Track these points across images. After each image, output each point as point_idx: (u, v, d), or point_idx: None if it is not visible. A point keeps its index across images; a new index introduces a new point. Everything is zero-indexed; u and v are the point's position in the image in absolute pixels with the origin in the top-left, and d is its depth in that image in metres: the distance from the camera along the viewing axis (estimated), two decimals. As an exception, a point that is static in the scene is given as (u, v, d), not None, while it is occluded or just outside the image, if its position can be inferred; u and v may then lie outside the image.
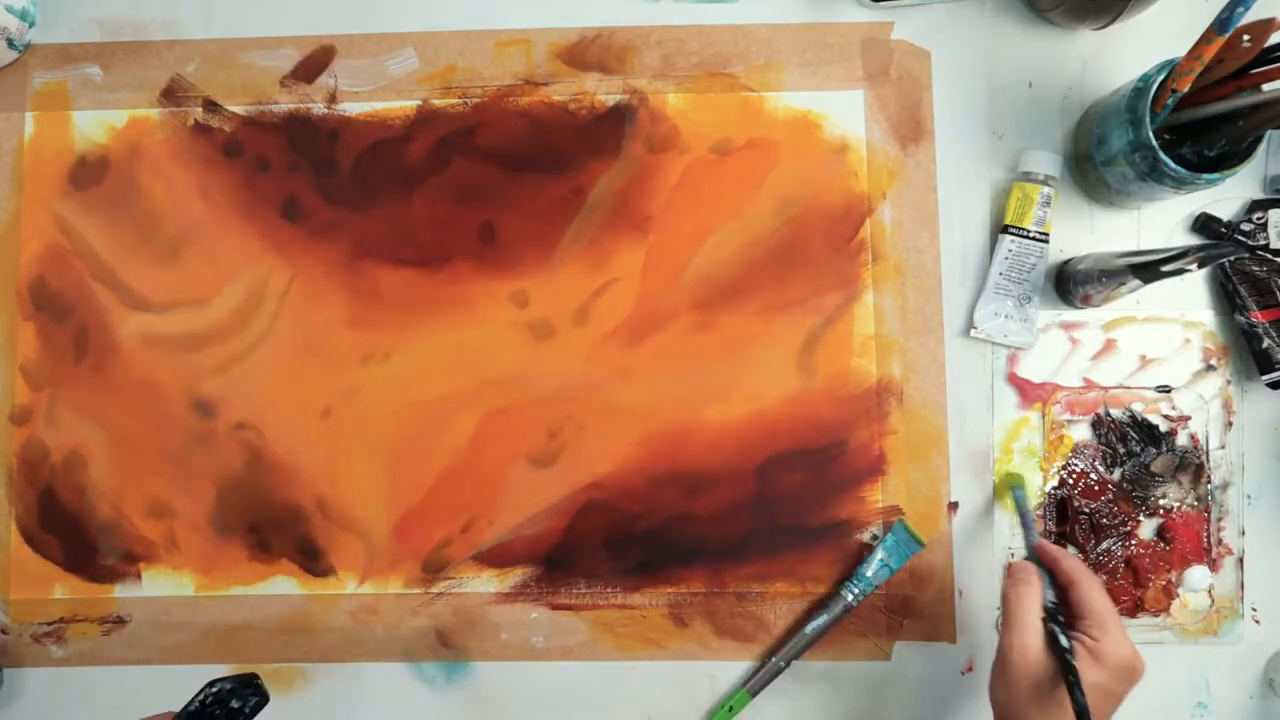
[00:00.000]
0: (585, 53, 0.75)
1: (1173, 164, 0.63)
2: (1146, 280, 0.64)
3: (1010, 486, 0.70)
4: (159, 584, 0.73)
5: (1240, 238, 0.71)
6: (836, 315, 0.73)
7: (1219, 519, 0.71)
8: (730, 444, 0.73)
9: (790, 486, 0.72)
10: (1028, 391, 0.73)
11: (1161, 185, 0.65)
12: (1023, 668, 0.58)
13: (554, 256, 0.74)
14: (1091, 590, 0.60)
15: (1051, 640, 0.58)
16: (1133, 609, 0.71)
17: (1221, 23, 0.58)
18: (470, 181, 0.74)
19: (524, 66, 0.75)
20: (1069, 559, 0.62)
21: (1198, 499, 0.71)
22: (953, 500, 0.72)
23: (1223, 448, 0.72)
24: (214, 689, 0.60)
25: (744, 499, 0.72)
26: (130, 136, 0.75)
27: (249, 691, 0.61)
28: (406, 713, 0.72)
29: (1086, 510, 0.71)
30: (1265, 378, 0.70)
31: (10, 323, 0.74)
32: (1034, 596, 0.60)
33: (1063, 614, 0.59)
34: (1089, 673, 0.56)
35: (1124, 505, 0.71)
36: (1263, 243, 0.71)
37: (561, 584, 0.73)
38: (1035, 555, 0.64)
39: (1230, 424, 0.72)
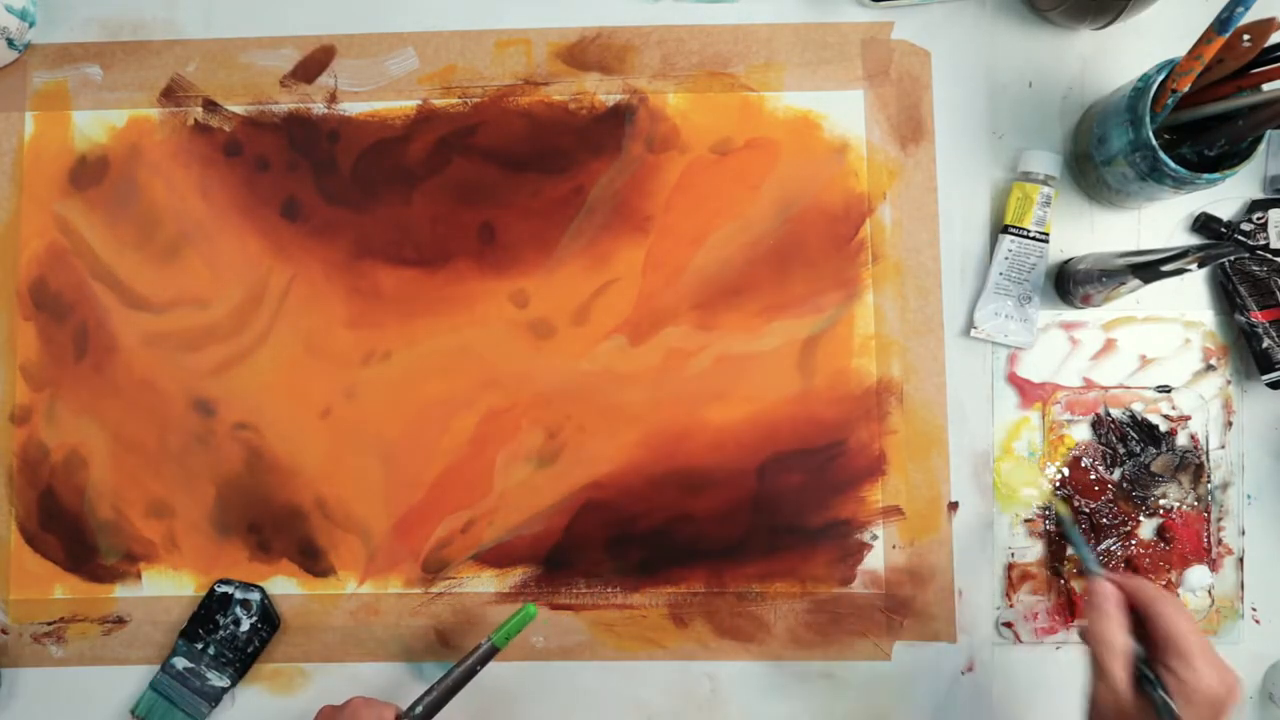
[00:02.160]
0: (585, 53, 0.75)
1: (1173, 164, 0.63)
2: (1146, 280, 0.64)
3: (1059, 517, 0.70)
4: (159, 584, 0.73)
5: (1240, 238, 0.71)
6: (836, 315, 0.73)
7: (1219, 519, 0.71)
8: (730, 444, 0.73)
9: (790, 486, 0.72)
10: (1028, 391, 0.73)
11: (1161, 185, 0.65)
12: (1115, 711, 0.54)
13: (554, 256, 0.74)
14: (1172, 616, 0.54)
15: (1141, 683, 0.54)
16: (1133, 609, 0.71)
17: (1221, 23, 0.58)
18: (470, 181, 0.74)
19: (524, 66, 0.75)
20: (1146, 585, 0.57)
21: (1198, 499, 0.71)
22: (953, 500, 0.72)
23: (1223, 448, 0.72)
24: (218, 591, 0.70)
25: (744, 499, 0.72)
26: (130, 136, 0.75)
27: (255, 604, 0.71)
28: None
29: (1086, 510, 0.71)
30: (1265, 378, 0.70)
31: (10, 323, 0.74)
32: (1121, 632, 0.55)
33: (1144, 645, 0.55)
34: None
35: (1124, 505, 0.71)
36: (1263, 243, 0.71)
37: (561, 584, 0.73)
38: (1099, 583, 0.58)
39: (1230, 424, 0.72)
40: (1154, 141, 0.63)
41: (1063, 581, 0.71)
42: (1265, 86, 0.63)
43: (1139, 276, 0.63)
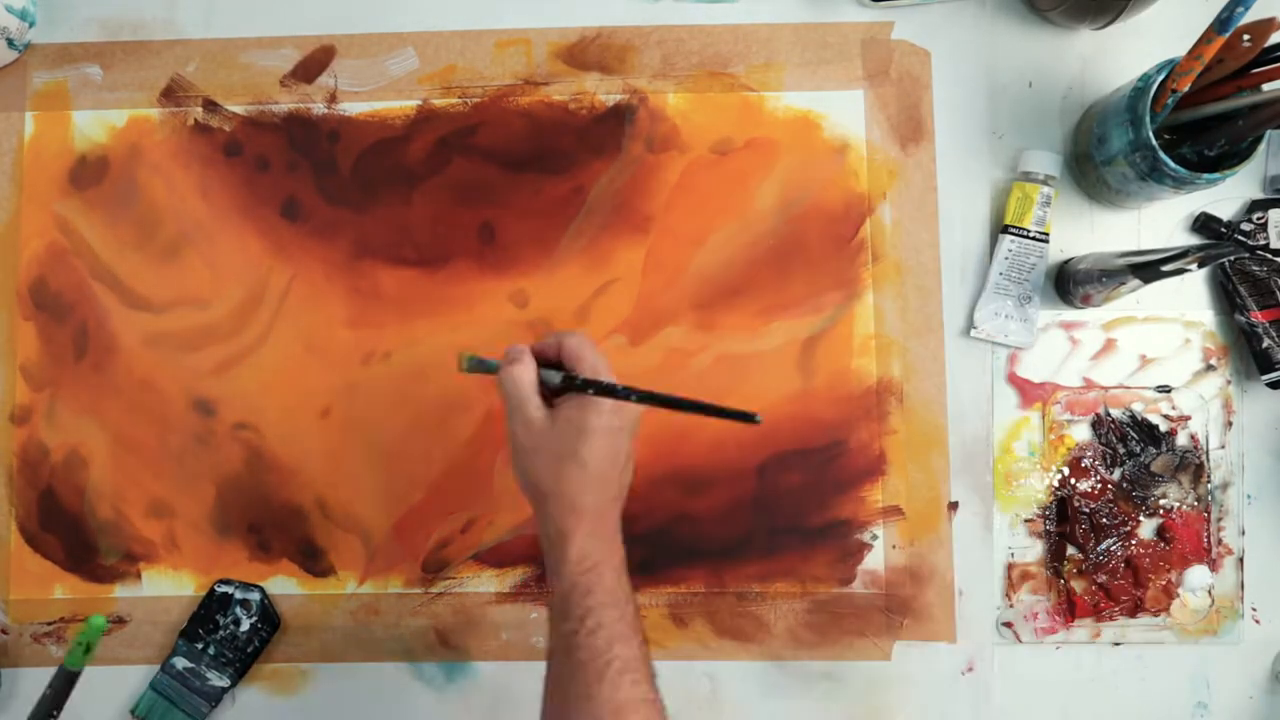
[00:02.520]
0: (585, 53, 0.74)
1: (1173, 164, 0.63)
2: (1146, 280, 0.64)
3: (467, 365, 0.61)
4: (159, 584, 0.73)
5: (1240, 238, 0.71)
6: (836, 315, 0.73)
7: (1219, 519, 0.71)
8: (730, 444, 0.73)
9: (790, 486, 0.72)
10: (1028, 391, 0.73)
11: (1161, 185, 0.65)
12: (529, 440, 0.57)
13: (554, 256, 0.74)
14: (578, 345, 0.58)
15: (558, 389, 0.58)
16: (1133, 609, 0.71)
17: (1221, 22, 0.58)
18: (470, 181, 0.74)
19: (524, 66, 0.75)
20: (552, 335, 0.60)
21: (1198, 499, 0.71)
22: (953, 500, 0.72)
23: (1223, 448, 0.72)
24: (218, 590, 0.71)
25: (744, 499, 0.72)
26: (130, 136, 0.75)
27: (255, 604, 0.71)
28: (406, 713, 0.72)
29: (1086, 510, 0.71)
30: (1265, 378, 0.70)
31: (10, 323, 0.74)
32: (526, 372, 0.58)
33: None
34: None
35: (1124, 505, 0.71)
36: (1263, 243, 0.71)
37: (561, 584, 0.73)
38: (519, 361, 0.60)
39: (1230, 424, 0.72)
40: (1154, 141, 0.63)
41: (1063, 581, 0.71)
42: (1265, 86, 0.63)
43: (1139, 276, 0.63)
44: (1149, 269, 0.62)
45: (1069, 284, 0.71)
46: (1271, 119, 0.61)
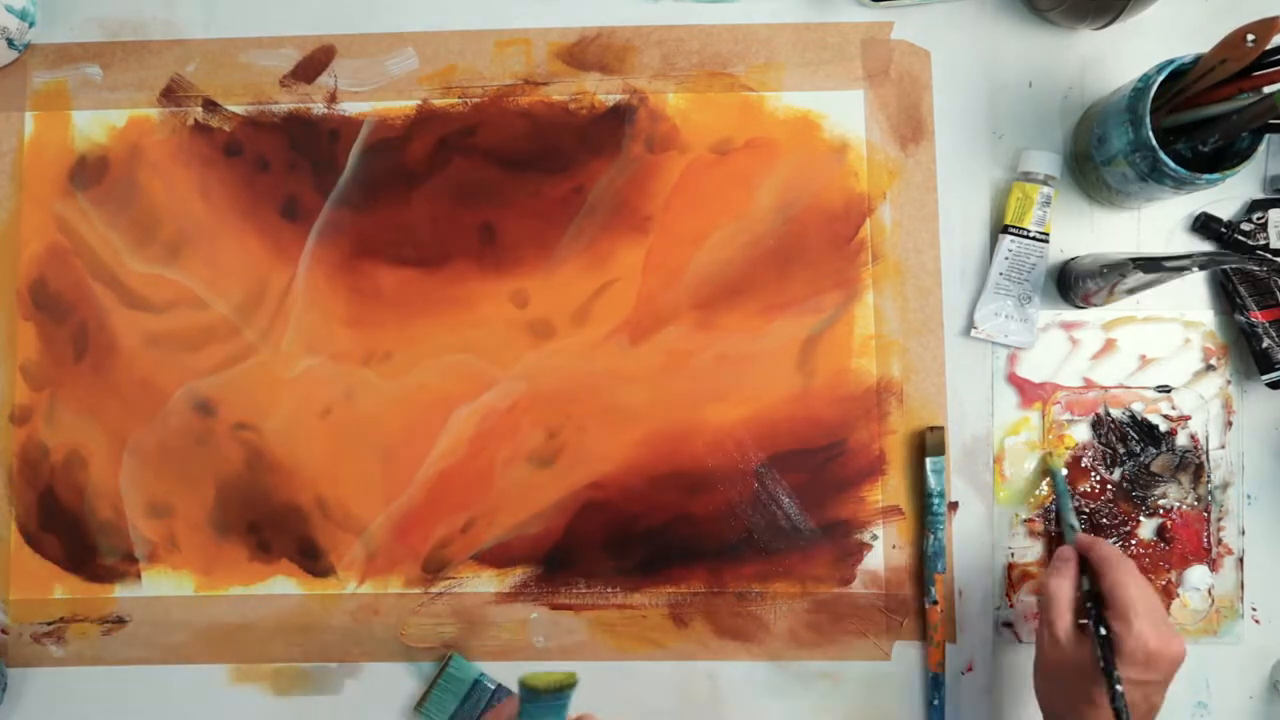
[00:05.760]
0: (585, 52, 0.75)
1: (1173, 164, 0.63)
2: (1147, 271, 0.63)
3: (1050, 469, 0.70)
4: (159, 584, 0.73)
5: (1240, 238, 0.71)
6: (836, 315, 0.73)
7: (1219, 519, 0.72)
8: (730, 444, 0.73)
9: (790, 486, 0.72)
10: (1028, 391, 0.73)
11: (1161, 185, 0.65)
12: (1054, 654, 0.58)
13: (554, 256, 0.74)
14: (1117, 578, 0.57)
15: (1085, 630, 0.57)
16: (1133, 609, 0.71)
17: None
18: (470, 181, 0.74)
19: (524, 66, 0.75)
20: (1100, 546, 0.60)
21: (1198, 499, 0.71)
22: (953, 500, 0.72)
23: (1223, 448, 0.72)
24: None
25: (744, 499, 0.72)
26: (130, 136, 0.75)
27: None
28: (406, 713, 0.73)
29: (1086, 510, 0.71)
30: (1265, 378, 0.70)
31: (10, 323, 0.74)
32: (1067, 585, 0.59)
33: (1096, 602, 0.58)
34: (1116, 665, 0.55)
35: (1124, 505, 0.71)
36: (1263, 243, 0.71)
37: (561, 584, 0.73)
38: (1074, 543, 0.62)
39: (1230, 424, 0.72)
40: (1154, 141, 0.63)
41: (1063, 581, 0.71)
42: (1267, 89, 0.63)
43: (1140, 267, 0.63)
44: (1150, 261, 0.62)
45: (1069, 284, 0.71)
46: (1261, 115, 0.61)
